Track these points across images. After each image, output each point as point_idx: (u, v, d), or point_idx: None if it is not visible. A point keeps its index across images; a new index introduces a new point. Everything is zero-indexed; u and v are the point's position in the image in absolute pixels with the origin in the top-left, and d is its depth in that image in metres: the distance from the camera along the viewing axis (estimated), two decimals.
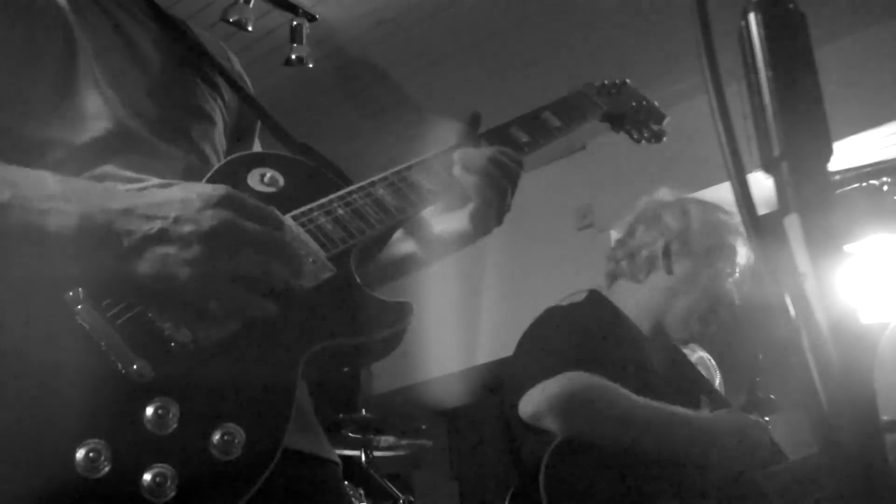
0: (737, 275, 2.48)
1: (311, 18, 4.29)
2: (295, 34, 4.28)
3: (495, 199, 1.36)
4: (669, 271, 2.45)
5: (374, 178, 1.28)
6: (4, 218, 0.97)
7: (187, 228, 0.99)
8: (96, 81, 1.23)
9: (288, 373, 1.04)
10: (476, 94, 4.73)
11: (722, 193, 1.65)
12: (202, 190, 1.04)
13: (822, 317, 0.64)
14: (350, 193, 1.24)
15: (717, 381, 3.02)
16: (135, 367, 0.96)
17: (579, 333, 2.27)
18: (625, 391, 2.11)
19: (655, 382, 2.29)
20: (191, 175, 1.23)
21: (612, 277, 2.57)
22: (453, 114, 1.46)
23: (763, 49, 0.72)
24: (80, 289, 0.98)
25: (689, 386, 2.46)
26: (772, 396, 2.92)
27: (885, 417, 1.99)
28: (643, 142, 1.98)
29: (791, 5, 0.73)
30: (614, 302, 2.49)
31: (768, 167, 0.71)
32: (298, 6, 4.22)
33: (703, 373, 2.79)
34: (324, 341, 1.09)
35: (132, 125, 1.23)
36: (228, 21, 4.07)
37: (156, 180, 1.17)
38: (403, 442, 4.54)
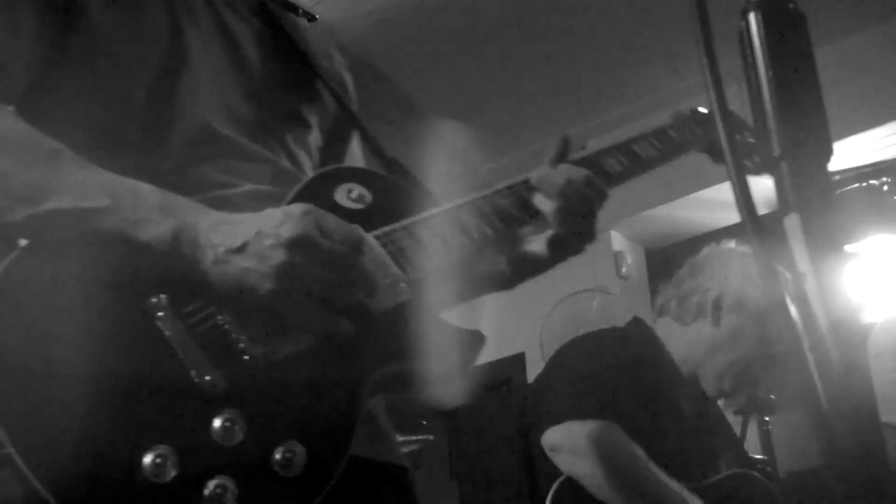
0: (785, 345, 2.44)
1: (311, 18, 4.28)
2: None
3: (575, 230, 1.29)
4: (716, 324, 2.39)
5: (460, 202, 1.25)
6: (100, 223, 1.00)
7: (268, 242, 1.00)
8: (195, 82, 1.23)
9: (354, 394, 1.05)
10: (476, 94, 4.73)
11: (722, 193, 1.65)
12: (286, 207, 1.05)
13: (822, 317, 0.64)
14: (434, 216, 1.22)
15: None
16: (208, 378, 0.97)
17: (617, 366, 2.23)
18: (644, 462, 2.09)
19: (680, 427, 2.26)
20: (282, 179, 1.24)
21: (659, 312, 2.52)
22: (453, 114, 1.46)
23: (763, 49, 0.72)
24: (162, 295, 1.00)
25: (712, 442, 2.40)
26: (772, 396, 2.92)
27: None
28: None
29: (791, 5, 0.73)
30: (661, 337, 2.45)
31: (768, 167, 0.71)
32: (298, 6, 4.22)
33: None
34: (393, 365, 1.09)
35: (227, 128, 1.24)
36: None
37: (248, 185, 1.19)
38: (401, 439, 4.54)
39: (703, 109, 1.62)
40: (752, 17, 0.73)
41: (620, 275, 5.01)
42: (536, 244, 1.32)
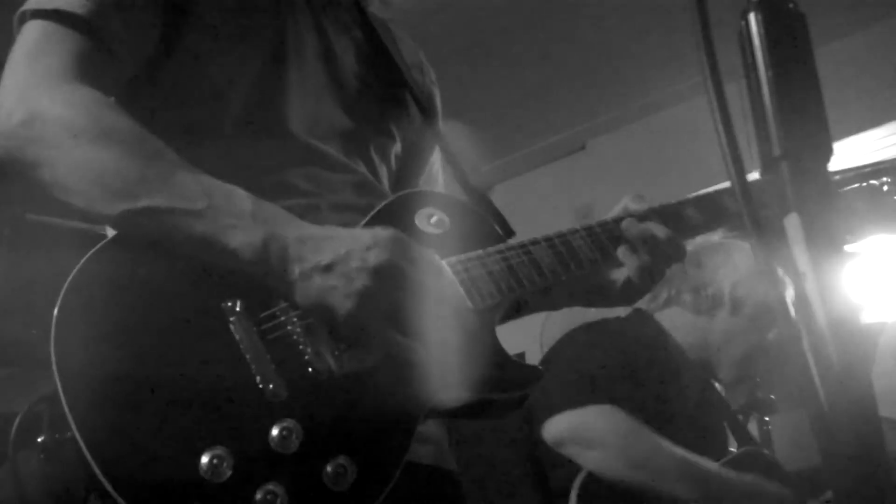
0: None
1: None
2: None
3: (649, 282, 1.30)
4: (734, 313, 2.43)
5: (538, 238, 1.27)
6: (193, 226, 1.02)
7: (354, 265, 1.02)
8: (289, 90, 1.25)
9: (410, 417, 1.07)
10: (476, 94, 4.73)
11: None
12: (376, 231, 1.07)
13: (822, 317, 0.64)
14: (510, 248, 1.24)
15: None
16: (272, 385, 0.99)
17: (616, 353, 2.24)
18: (650, 433, 2.09)
19: (687, 411, 2.28)
20: (364, 191, 1.26)
21: (668, 303, 2.52)
22: (454, 114, 1.45)
23: (763, 49, 0.72)
24: (238, 300, 1.02)
25: (718, 417, 2.44)
26: (772, 396, 2.92)
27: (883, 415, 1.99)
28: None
29: (791, 5, 0.73)
30: (662, 324, 2.46)
31: (768, 167, 0.71)
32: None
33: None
34: (450, 395, 1.09)
35: (316, 136, 1.25)
36: None
37: (331, 195, 1.21)
38: None
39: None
40: (752, 17, 0.73)
41: None
42: (607, 280, 1.33)
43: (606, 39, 4.41)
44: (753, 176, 0.71)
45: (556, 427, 2.11)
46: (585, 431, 2.07)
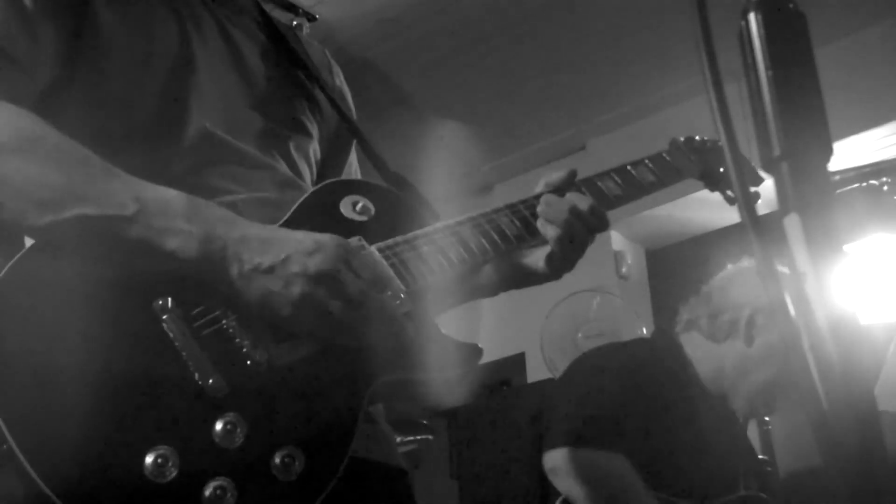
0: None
1: (311, 18, 4.29)
2: None
3: (573, 252, 1.32)
4: (749, 343, 2.36)
5: (462, 218, 1.29)
6: (126, 231, 1.01)
7: (294, 269, 1.03)
8: (201, 90, 1.25)
9: (353, 402, 1.07)
10: (477, 94, 4.72)
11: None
12: (318, 236, 1.08)
13: (822, 317, 0.64)
14: (436, 230, 1.25)
15: None
16: (211, 381, 0.99)
17: (625, 387, 2.20)
18: (641, 493, 2.08)
19: (698, 442, 2.23)
20: (284, 186, 1.27)
21: (688, 327, 2.47)
22: (454, 114, 1.46)
23: (763, 49, 0.72)
24: (168, 298, 1.02)
25: (733, 462, 2.36)
26: None
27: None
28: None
29: (791, 5, 0.73)
30: (688, 352, 2.41)
31: (768, 167, 0.71)
32: (298, 6, 4.22)
33: None
34: (391, 374, 1.11)
35: (231, 135, 1.26)
36: None
37: (251, 193, 1.21)
38: (401, 439, 4.54)
39: (698, 137, 1.68)
40: (752, 17, 0.73)
41: (620, 275, 5.01)
42: (531, 258, 1.35)
43: (606, 40, 4.41)
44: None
45: (555, 459, 2.11)
46: (580, 471, 2.06)
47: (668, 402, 2.23)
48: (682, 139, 1.66)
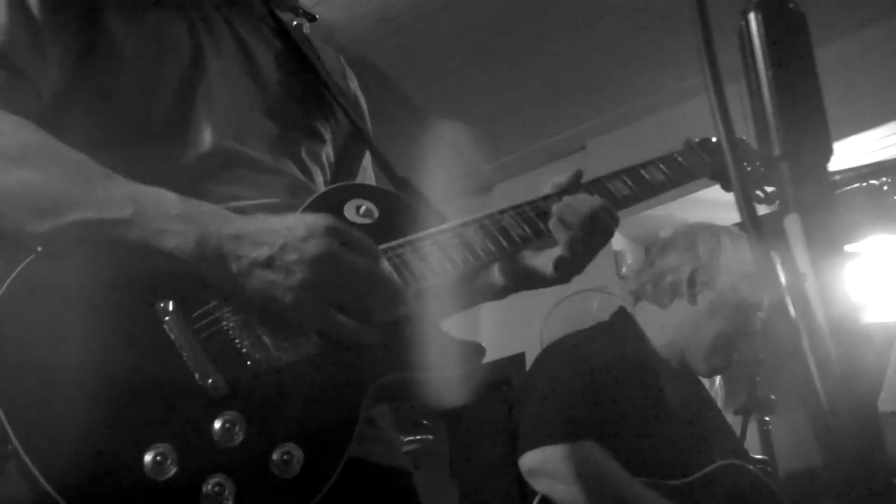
0: (763, 310, 2.38)
1: (311, 18, 4.28)
2: None
3: (584, 255, 1.31)
4: (692, 301, 2.36)
5: (468, 219, 1.28)
6: (124, 234, 1.03)
7: (292, 256, 1.04)
8: (214, 98, 1.26)
9: (353, 401, 1.08)
10: (477, 94, 4.73)
11: (722, 193, 1.65)
12: (309, 219, 1.08)
13: (822, 317, 0.64)
14: (441, 231, 1.25)
15: (718, 381, 3.02)
16: (210, 380, 1.00)
17: (584, 376, 2.19)
18: (621, 477, 2.07)
19: (669, 421, 2.23)
20: (295, 191, 1.27)
21: (637, 297, 2.48)
22: (454, 114, 1.46)
23: (763, 49, 0.72)
24: (170, 301, 1.03)
25: (704, 433, 2.36)
26: (772, 396, 2.92)
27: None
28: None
29: (791, 5, 0.73)
30: (640, 324, 2.41)
31: (768, 167, 0.71)
32: (299, 7, 4.22)
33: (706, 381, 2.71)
34: (392, 374, 1.11)
35: (243, 142, 1.26)
36: None
37: (262, 198, 1.22)
38: (401, 439, 4.54)
39: (713, 139, 1.66)
40: (752, 17, 0.73)
41: (620, 275, 5.01)
42: (539, 261, 1.34)
43: (607, 40, 4.41)
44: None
45: (533, 460, 2.10)
46: (558, 468, 2.05)
47: (632, 385, 2.22)
48: (696, 140, 1.65)
